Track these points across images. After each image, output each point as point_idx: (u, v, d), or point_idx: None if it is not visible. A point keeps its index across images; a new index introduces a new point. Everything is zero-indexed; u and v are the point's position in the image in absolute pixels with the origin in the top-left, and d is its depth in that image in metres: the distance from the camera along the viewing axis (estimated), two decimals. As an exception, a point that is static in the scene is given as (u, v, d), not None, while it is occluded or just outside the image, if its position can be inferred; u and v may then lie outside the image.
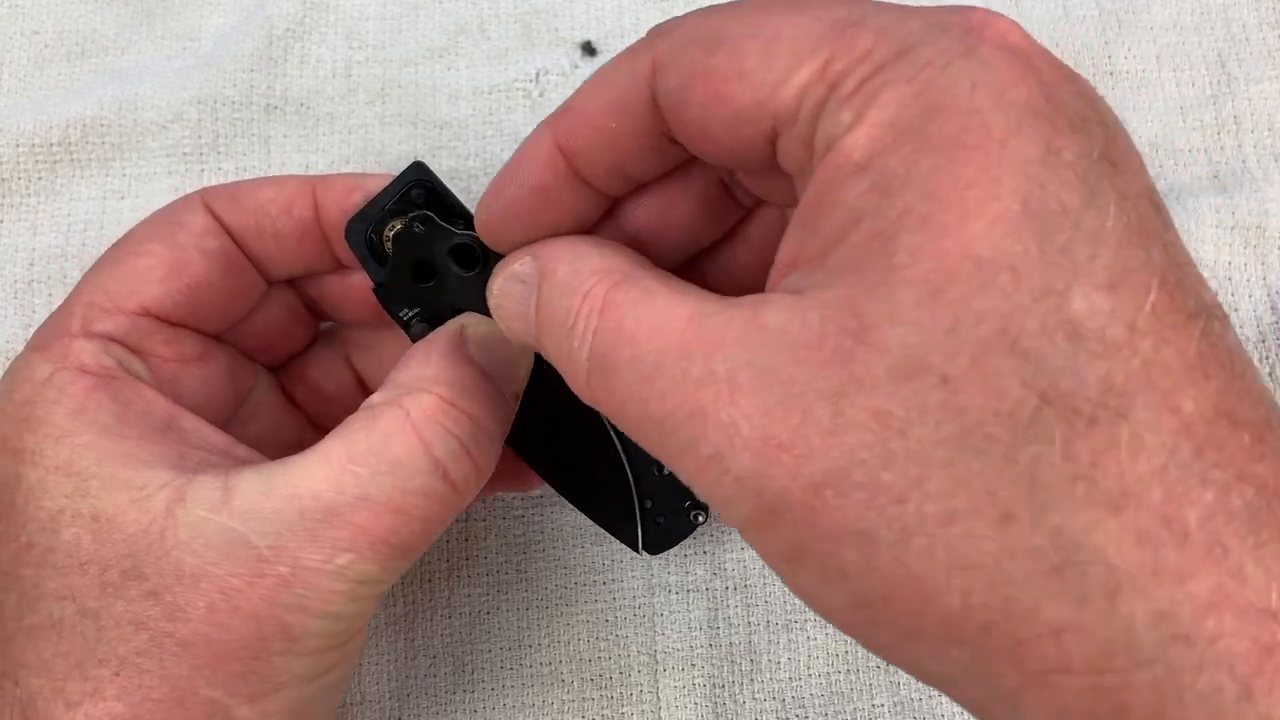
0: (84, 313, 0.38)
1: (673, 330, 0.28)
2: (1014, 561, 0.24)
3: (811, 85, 0.27)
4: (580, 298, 0.30)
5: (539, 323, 0.32)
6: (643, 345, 0.28)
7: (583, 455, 0.43)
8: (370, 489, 0.34)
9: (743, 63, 0.28)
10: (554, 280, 0.32)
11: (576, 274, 0.31)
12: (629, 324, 0.28)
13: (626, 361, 0.28)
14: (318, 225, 0.41)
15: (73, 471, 0.35)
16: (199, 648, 0.33)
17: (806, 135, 0.28)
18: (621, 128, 0.32)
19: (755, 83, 0.28)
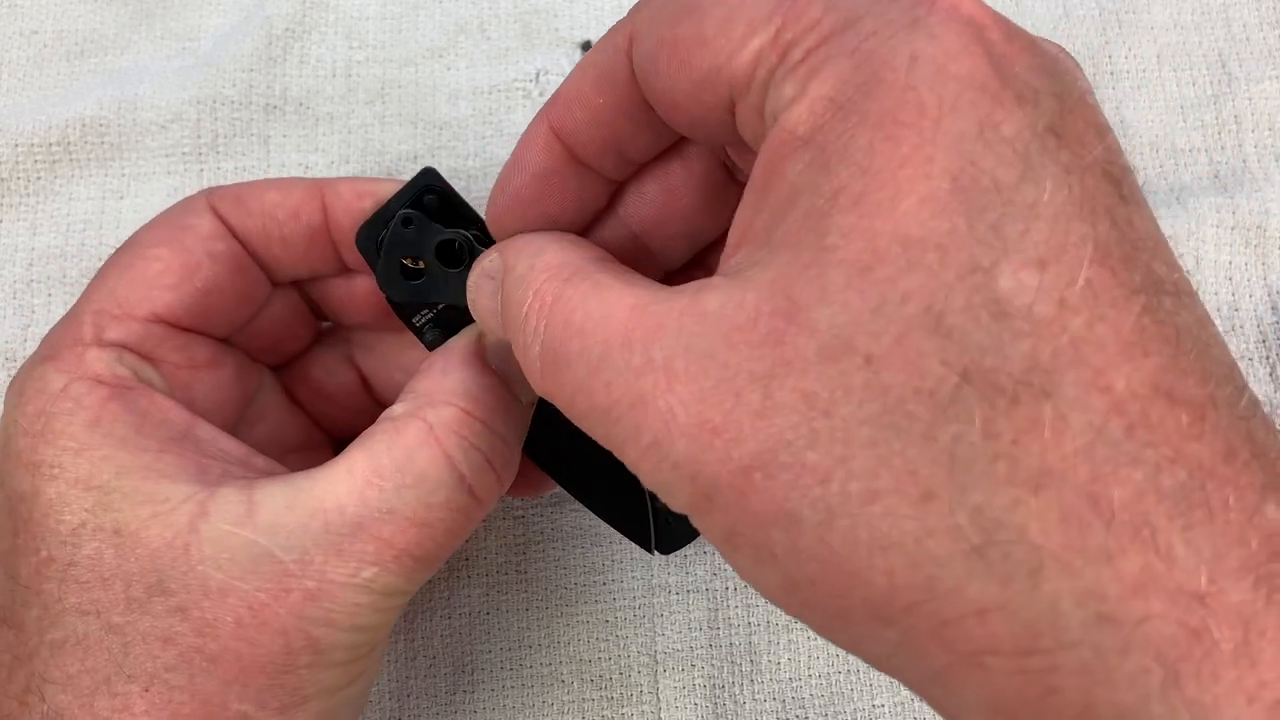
0: (95, 320, 0.38)
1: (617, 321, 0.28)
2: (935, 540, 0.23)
3: (764, 53, 0.27)
4: (532, 293, 0.30)
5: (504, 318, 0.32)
6: (590, 337, 0.28)
7: (592, 455, 0.42)
8: (395, 503, 0.34)
9: (704, 29, 0.28)
10: (513, 275, 0.32)
11: (531, 269, 0.31)
12: (578, 317, 0.28)
13: (575, 354, 0.28)
14: (325, 230, 0.41)
15: (93, 485, 0.34)
16: (228, 663, 0.33)
17: (759, 104, 0.28)
18: (608, 103, 0.32)
19: (714, 49, 0.28)
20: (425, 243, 0.39)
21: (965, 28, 0.26)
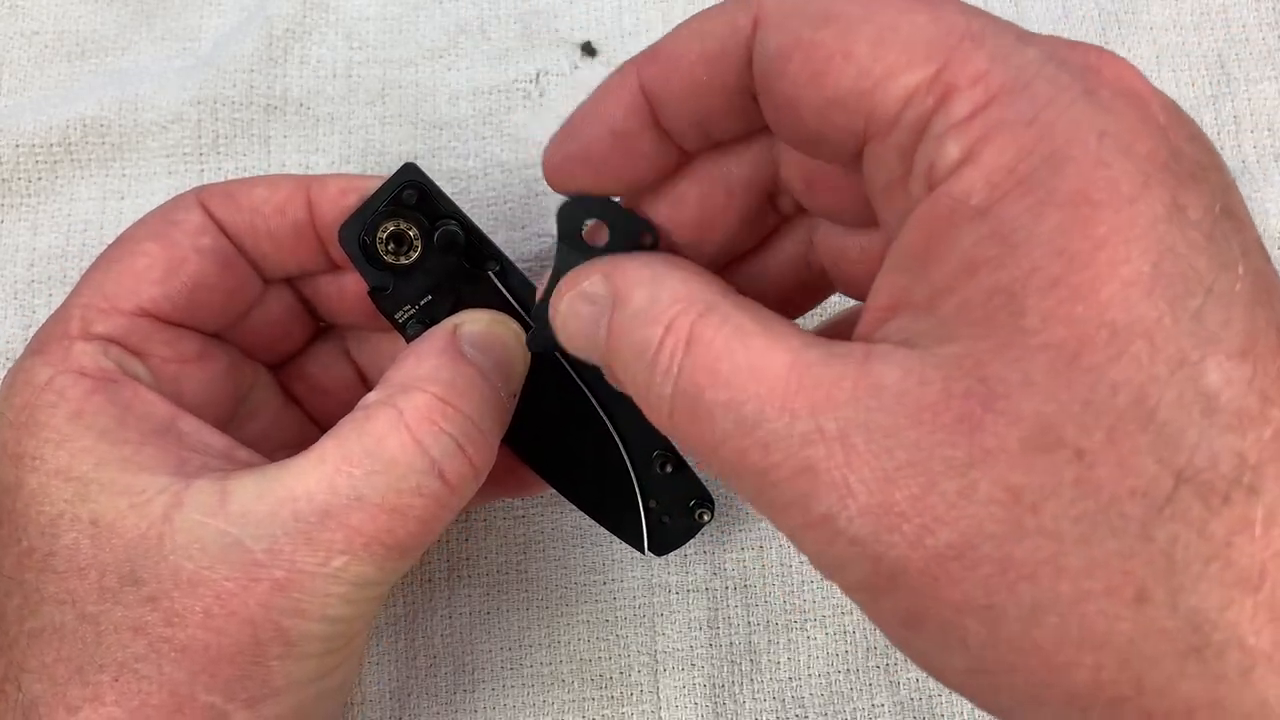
0: (82, 314, 0.38)
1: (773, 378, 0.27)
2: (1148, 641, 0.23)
3: (918, 94, 0.26)
4: (662, 329, 0.29)
5: (610, 347, 0.31)
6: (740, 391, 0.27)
7: (585, 456, 0.42)
8: (364, 489, 0.34)
9: (851, 44, 0.27)
10: (630, 306, 0.30)
11: (656, 301, 0.30)
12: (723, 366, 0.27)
13: (721, 405, 0.27)
14: (312, 226, 0.41)
15: (72, 476, 0.34)
16: (196, 653, 0.33)
17: (906, 147, 0.27)
18: (713, 81, 0.30)
19: (860, 69, 0.26)
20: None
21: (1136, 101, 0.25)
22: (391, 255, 0.40)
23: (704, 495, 0.43)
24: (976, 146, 0.25)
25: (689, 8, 0.57)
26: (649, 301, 0.30)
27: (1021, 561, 0.24)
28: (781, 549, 0.50)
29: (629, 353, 0.30)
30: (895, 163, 0.27)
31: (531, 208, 0.54)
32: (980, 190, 0.25)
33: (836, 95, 0.27)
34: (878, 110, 0.26)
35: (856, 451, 0.25)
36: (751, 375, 0.27)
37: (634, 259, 0.32)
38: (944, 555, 0.24)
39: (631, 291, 0.31)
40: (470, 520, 0.50)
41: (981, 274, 0.25)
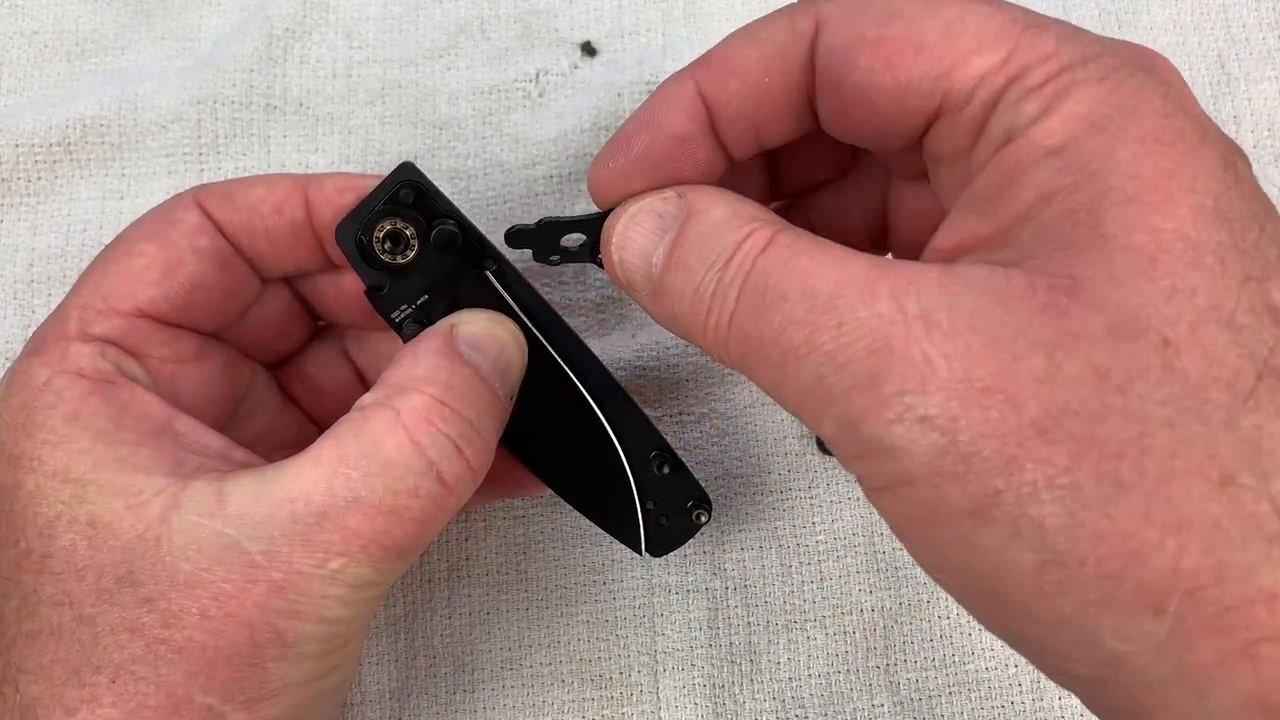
0: (80, 315, 0.38)
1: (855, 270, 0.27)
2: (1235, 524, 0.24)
3: (991, 73, 0.29)
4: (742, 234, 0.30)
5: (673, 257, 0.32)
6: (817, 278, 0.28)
7: (583, 457, 0.42)
8: (362, 491, 0.34)
9: (921, 36, 0.29)
10: (708, 216, 0.31)
11: (737, 215, 0.31)
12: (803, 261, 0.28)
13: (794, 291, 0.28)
14: (309, 225, 0.41)
15: (70, 478, 0.34)
16: (193, 654, 0.33)
17: (977, 120, 0.29)
18: (773, 83, 0.32)
19: (932, 57, 0.29)
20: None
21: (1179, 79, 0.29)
22: (388, 254, 0.39)
23: (701, 496, 0.43)
24: (1053, 102, 0.28)
25: (689, 7, 0.57)
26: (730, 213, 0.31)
27: (1106, 440, 0.24)
28: (781, 549, 0.50)
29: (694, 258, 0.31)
30: (963, 135, 0.30)
31: (531, 208, 0.54)
32: (1057, 133, 0.27)
33: (910, 81, 0.30)
34: (953, 90, 0.29)
35: (940, 329, 0.26)
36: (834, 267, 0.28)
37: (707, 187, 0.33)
38: (1026, 432, 0.25)
39: (710, 206, 0.32)
40: (470, 520, 0.50)
41: (1056, 200, 0.27)
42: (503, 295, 0.41)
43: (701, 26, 0.57)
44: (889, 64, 0.30)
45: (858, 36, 0.30)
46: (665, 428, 0.51)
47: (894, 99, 0.30)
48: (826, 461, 0.50)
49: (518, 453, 0.42)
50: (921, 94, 0.30)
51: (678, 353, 0.51)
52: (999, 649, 0.48)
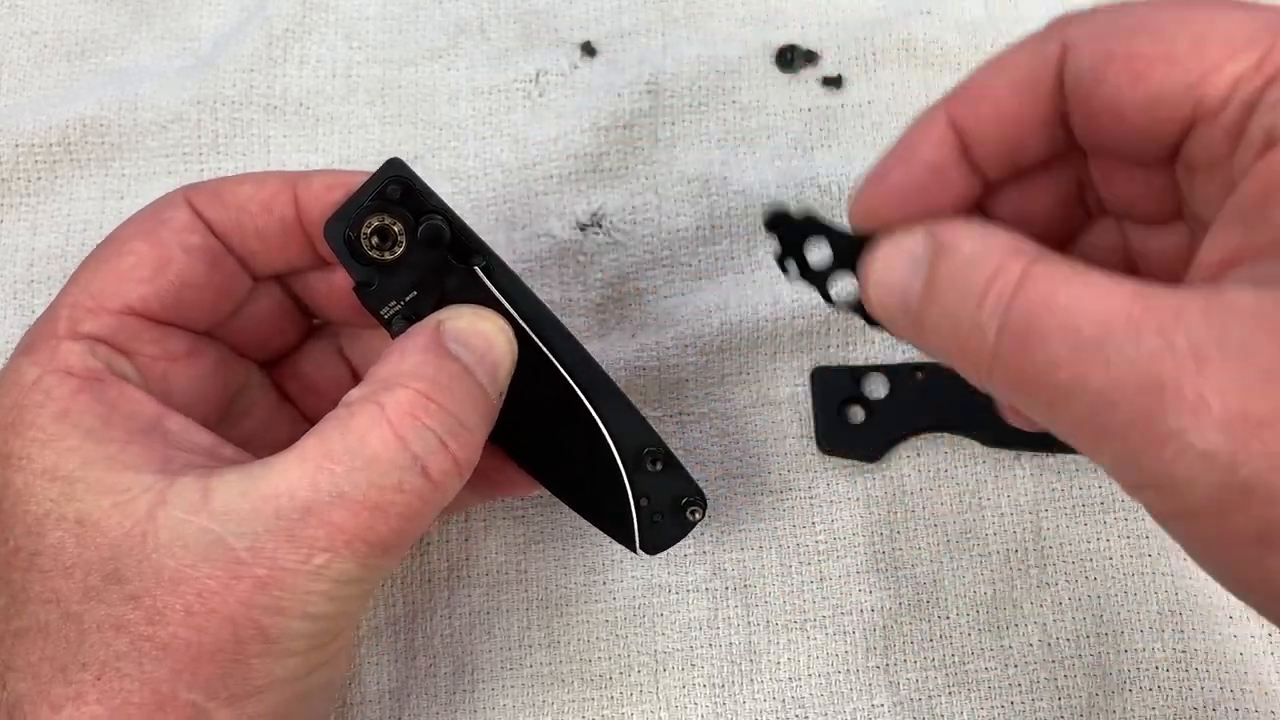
0: (70, 314, 0.38)
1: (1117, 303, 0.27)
2: None
3: (1246, 77, 0.28)
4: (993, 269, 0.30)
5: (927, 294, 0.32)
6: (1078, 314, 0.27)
7: (576, 454, 0.42)
8: (346, 486, 0.34)
9: (1170, 47, 0.29)
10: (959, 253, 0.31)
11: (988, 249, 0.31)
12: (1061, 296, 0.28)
13: (1056, 330, 0.27)
14: (299, 223, 0.41)
15: (58, 476, 0.34)
16: (178, 651, 0.33)
17: (1235, 126, 0.29)
18: (1024, 108, 0.33)
19: (1184, 67, 0.29)
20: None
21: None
22: (376, 251, 0.39)
23: (695, 493, 0.43)
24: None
25: (688, 7, 0.57)
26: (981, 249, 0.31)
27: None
28: (781, 549, 0.50)
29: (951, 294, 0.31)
30: (1221, 141, 0.30)
31: (531, 208, 0.54)
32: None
33: (1162, 91, 0.30)
34: (1207, 97, 0.29)
35: (1211, 365, 0.25)
36: (1092, 300, 0.27)
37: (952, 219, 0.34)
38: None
39: (960, 242, 0.31)
40: (470, 520, 0.50)
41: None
42: (492, 291, 0.40)
43: (701, 27, 0.57)
44: (1139, 77, 0.30)
45: (1105, 53, 0.31)
46: (665, 428, 0.51)
47: (1145, 111, 0.30)
48: (826, 462, 0.50)
49: (510, 450, 0.42)
50: (1173, 104, 0.30)
51: (677, 353, 0.51)
52: (998, 649, 0.48)
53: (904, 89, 0.56)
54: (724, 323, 0.51)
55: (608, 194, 0.54)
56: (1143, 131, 0.31)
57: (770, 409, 0.51)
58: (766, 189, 0.54)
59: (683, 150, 0.55)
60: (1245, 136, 0.29)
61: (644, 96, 0.55)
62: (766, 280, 0.52)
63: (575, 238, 0.53)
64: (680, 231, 0.53)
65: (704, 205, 0.54)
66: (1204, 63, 0.29)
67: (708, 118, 0.56)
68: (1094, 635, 0.48)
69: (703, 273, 0.53)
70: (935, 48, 0.56)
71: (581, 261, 0.53)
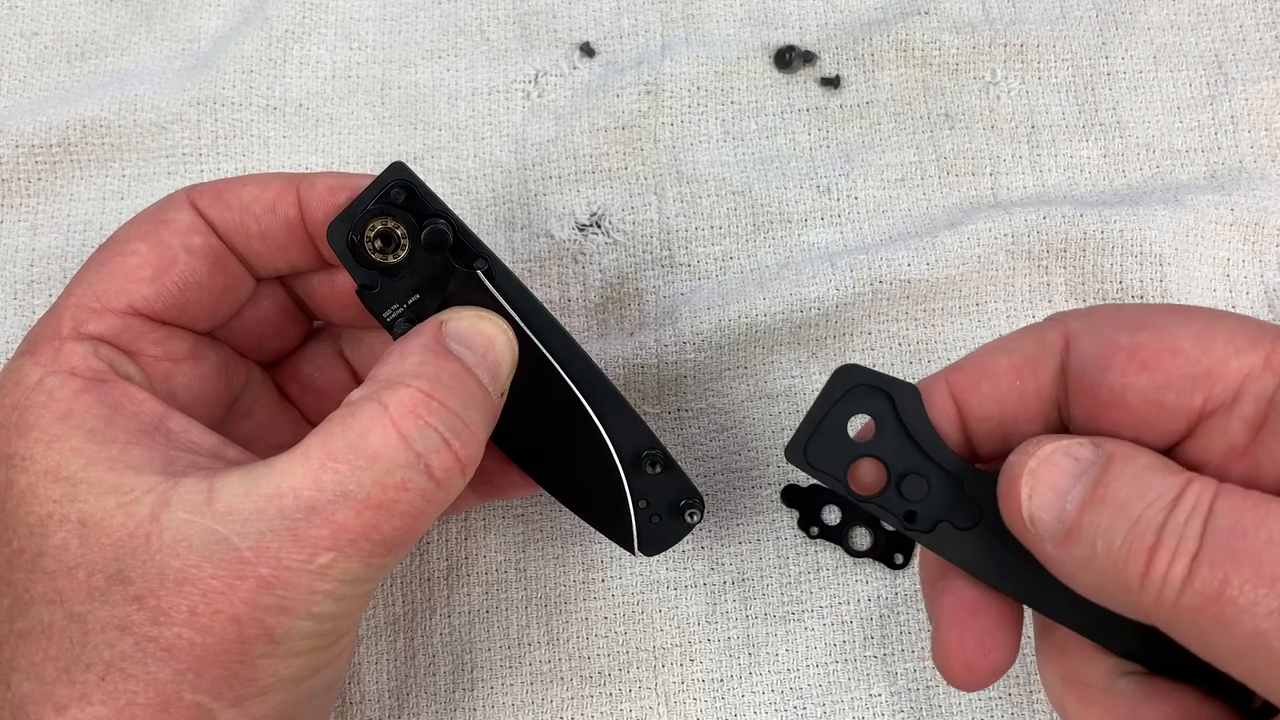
0: (73, 315, 0.38)
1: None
2: None
3: (1255, 372, 0.31)
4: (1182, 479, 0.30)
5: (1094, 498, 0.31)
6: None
7: (575, 456, 0.42)
8: (349, 485, 0.34)
9: (1174, 342, 0.32)
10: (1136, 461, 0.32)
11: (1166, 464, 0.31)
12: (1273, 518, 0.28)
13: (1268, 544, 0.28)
14: (302, 225, 0.40)
15: (61, 476, 0.34)
16: (182, 652, 0.33)
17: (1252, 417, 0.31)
18: (1024, 387, 0.35)
19: (1189, 359, 0.32)
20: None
21: None
22: (379, 254, 0.39)
23: (693, 495, 0.43)
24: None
25: (687, 8, 0.57)
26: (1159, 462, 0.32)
27: None
28: (778, 543, 0.50)
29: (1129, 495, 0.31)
30: (1240, 431, 0.32)
31: (530, 208, 0.54)
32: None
33: (1169, 381, 0.32)
34: (1216, 390, 0.32)
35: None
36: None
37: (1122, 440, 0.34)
38: None
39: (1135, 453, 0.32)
40: (469, 520, 0.50)
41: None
42: (494, 294, 0.40)
43: (699, 28, 0.57)
44: (1145, 366, 0.32)
45: (1110, 343, 0.33)
46: (664, 424, 0.51)
47: (1151, 399, 0.32)
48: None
49: (510, 452, 0.42)
50: (1181, 393, 0.32)
51: (675, 350, 0.51)
52: None
53: (902, 89, 0.56)
54: (721, 320, 0.51)
55: (607, 194, 0.54)
56: (1147, 419, 0.33)
57: (767, 402, 0.52)
58: (765, 189, 0.54)
59: (681, 151, 0.55)
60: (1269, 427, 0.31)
61: (643, 97, 0.55)
62: (764, 278, 0.52)
63: (574, 238, 0.53)
64: (679, 232, 0.53)
65: (703, 205, 0.54)
66: (1210, 357, 0.32)
67: (706, 118, 0.56)
68: (1091, 630, 0.48)
69: (701, 272, 0.53)
70: (933, 48, 0.56)
71: (581, 262, 0.53)
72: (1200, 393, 0.32)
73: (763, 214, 0.54)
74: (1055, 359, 0.35)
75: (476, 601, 0.49)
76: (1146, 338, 0.33)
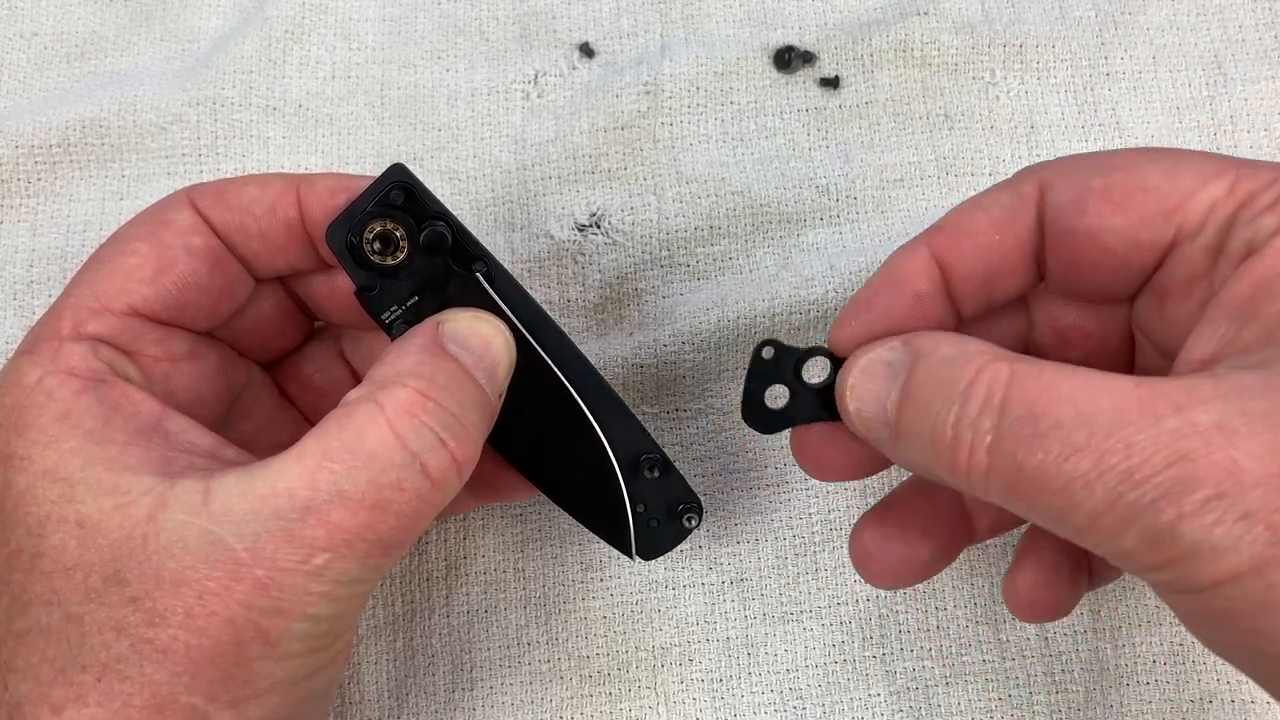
0: (73, 315, 0.38)
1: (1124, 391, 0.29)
2: None
3: (1220, 201, 0.32)
4: (975, 369, 0.31)
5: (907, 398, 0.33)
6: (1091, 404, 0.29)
7: (573, 460, 0.42)
8: (345, 485, 0.34)
9: (1145, 180, 0.33)
10: (936, 356, 0.33)
11: (964, 352, 0.32)
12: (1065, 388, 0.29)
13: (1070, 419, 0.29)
14: (302, 226, 0.41)
15: (59, 477, 0.34)
16: (178, 653, 0.33)
17: (1214, 243, 0.32)
18: (1004, 241, 0.36)
19: (1161, 195, 0.33)
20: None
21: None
22: (378, 255, 0.39)
23: (692, 499, 0.43)
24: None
25: (686, 9, 0.57)
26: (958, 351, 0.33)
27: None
28: (777, 543, 0.50)
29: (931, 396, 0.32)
30: (1200, 260, 0.33)
31: (530, 209, 0.54)
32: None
33: (1143, 218, 0.33)
34: (1187, 220, 0.33)
35: (1239, 434, 0.27)
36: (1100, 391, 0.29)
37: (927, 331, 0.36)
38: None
39: (937, 345, 0.34)
40: (468, 519, 0.50)
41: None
42: (493, 297, 0.41)
43: (699, 28, 0.57)
44: (1119, 206, 0.33)
45: (1084, 187, 0.34)
46: (662, 424, 0.51)
47: (1127, 237, 0.33)
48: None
49: (507, 455, 0.42)
50: (1155, 228, 0.33)
51: (674, 350, 0.51)
52: (995, 642, 0.48)
53: (901, 89, 0.56)
54: (721, 320, 0.51)
55: (606, 195, 0.54)
56: (1123, 258, 0.34)
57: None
58: (765, 189, 0.54)
59: (681, 151, 0.55)
60: (1225, 251, 0.32)
61: (642, 97, 0.55)
62: (763, 279, 0.52)
63: (574, 238, 0.53)
64: (678, 232, 0.54)
65: (702, 206, 0.54)
66: (1180, 191, 0.33)
67: (706, 118, 0.56)
68: (1091, 630, 0.48)
69: (700, 273, 0.53)
70: (933, 48, 0.56)
71: (580, 262, 0.53)
72: (1172, 227, 0.33)
73: (762, 214, 0.54)
74: (1032, 210, 0.35)
75: (475, 601, 0.49)
76: (1119, 178, 0.34)
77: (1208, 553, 0.27)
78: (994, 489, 0.31)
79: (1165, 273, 0.34)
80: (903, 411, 0.33)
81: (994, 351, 0.32)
